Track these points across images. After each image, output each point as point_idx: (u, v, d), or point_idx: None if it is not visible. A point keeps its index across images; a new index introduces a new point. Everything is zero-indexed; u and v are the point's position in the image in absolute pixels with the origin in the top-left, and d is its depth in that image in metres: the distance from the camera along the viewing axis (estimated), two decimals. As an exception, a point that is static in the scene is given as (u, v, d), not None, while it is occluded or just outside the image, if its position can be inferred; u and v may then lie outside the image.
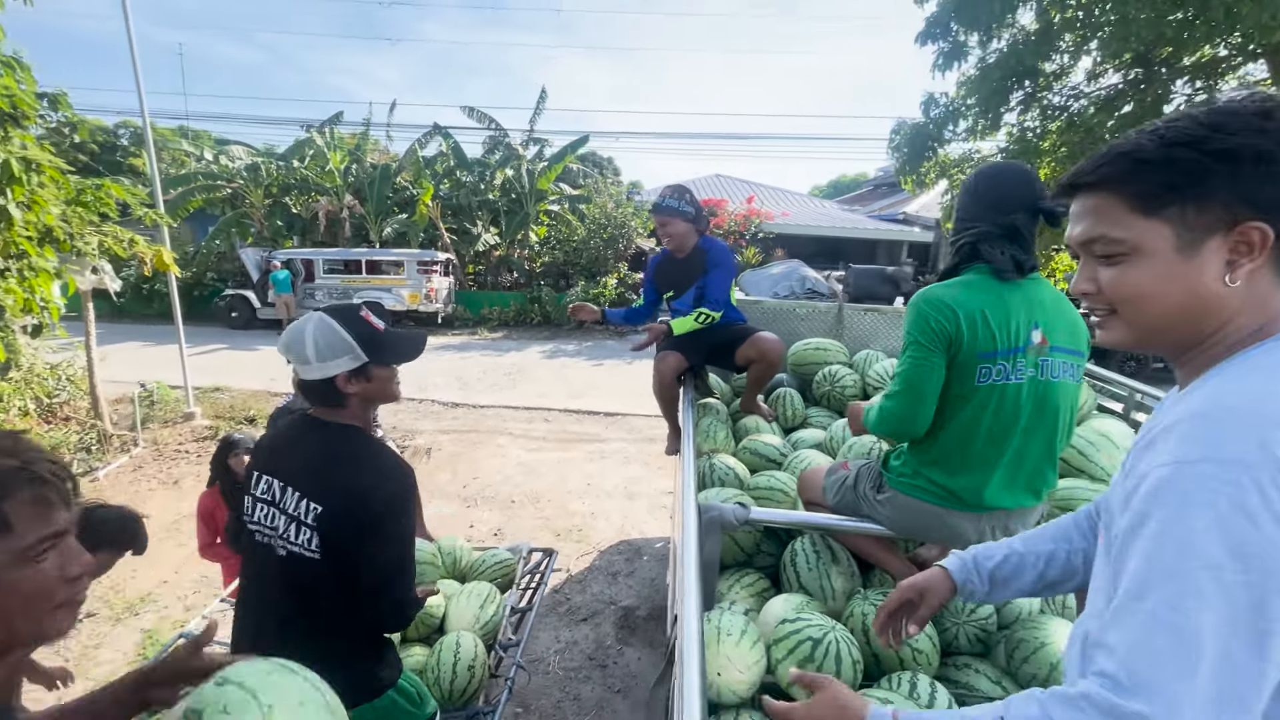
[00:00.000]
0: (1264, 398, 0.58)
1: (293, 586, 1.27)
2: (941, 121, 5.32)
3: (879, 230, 17.31)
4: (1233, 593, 0.52)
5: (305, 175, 14.95)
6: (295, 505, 1.26)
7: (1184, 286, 0.65)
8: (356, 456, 1.29)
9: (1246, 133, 0.61)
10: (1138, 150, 0.66)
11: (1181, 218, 0.64)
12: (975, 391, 1.38)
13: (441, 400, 7.80)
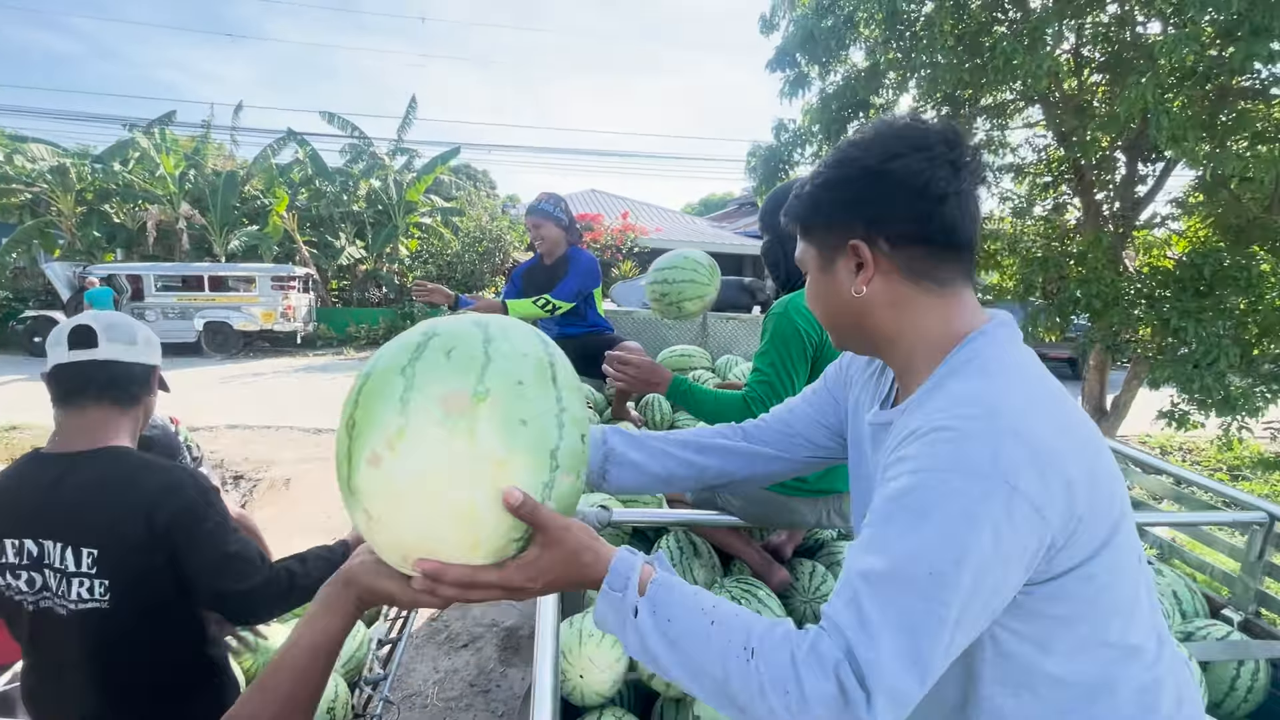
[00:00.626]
0: (995, 409, 0.62)
1: (89, 646, 1.10)
2: (791, 145, 5.82)
3: (744, 246, 18.42)
4: (945, 595, 0.57)
5: (130, 180, 13.18)
6: (60, 558, 1.07)
7: (830, 297, 0.77)
8: (125, 483, 1.12)
9: (838, 165, 0.73)
10: (800, 185, 0.79)
11: (819, 240, 0.77)
12: None
13: (302, 426, 7.18)
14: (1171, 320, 4.06)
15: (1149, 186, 5.29)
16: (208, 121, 14.26)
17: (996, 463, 0.58)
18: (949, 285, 0.72)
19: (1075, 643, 0.65)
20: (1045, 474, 0.59)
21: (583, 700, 1.25)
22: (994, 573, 0.58)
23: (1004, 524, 0.57)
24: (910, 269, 0.71)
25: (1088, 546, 0.63)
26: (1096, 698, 0.66)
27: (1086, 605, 0.65)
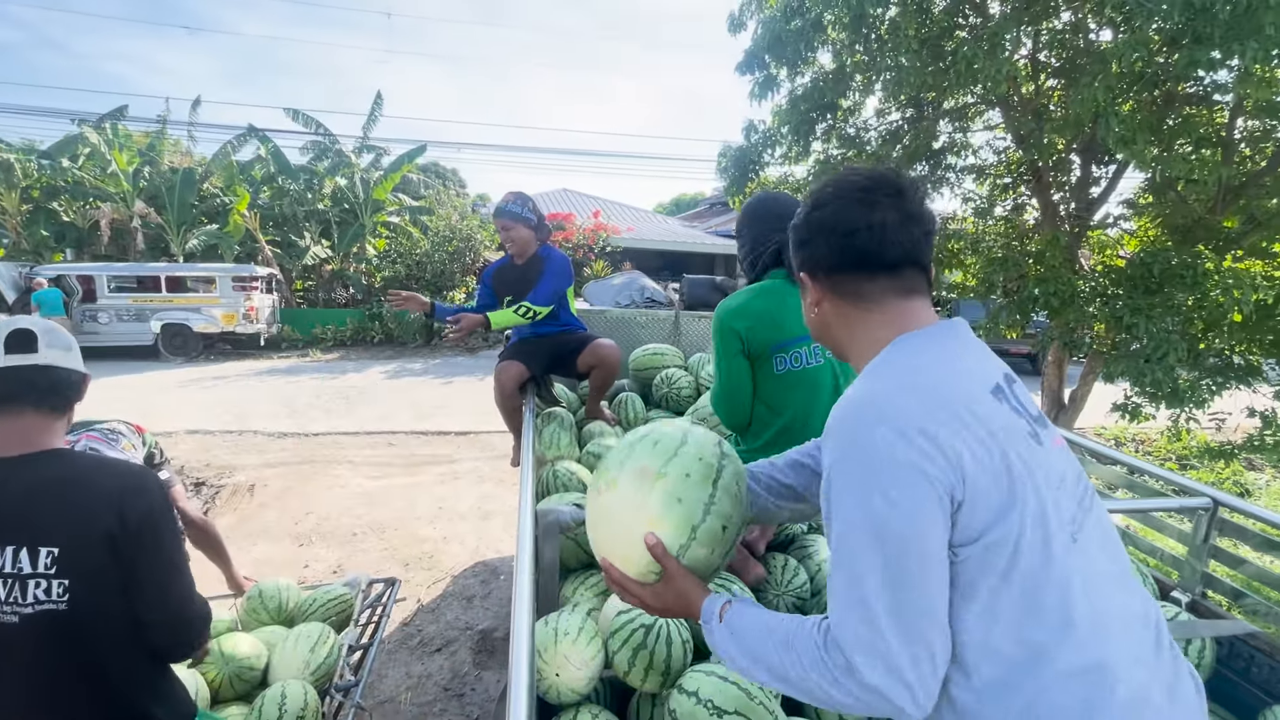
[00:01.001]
0: (871, 397, 0.77)
1: (37, 653, 1.06)
2: (761, 146, 5.88)
3: (716, 245, 18.55)
4: (874, 559, 0.70)
5: (80, 177, 12.66)
6: (13, 562, 1.04)
7: (807, 318, 0.96)
8: (80, 479, 1.11)
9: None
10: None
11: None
12: (777, 379, 1.63)
13: (265, 431, 6.99)
14: (1124, 317, 4.22)
15: (1102, 188, 5.50)
16: (163, 117, 13.78)
17: (872, 441, 0.72)
18: (876, 301, 0.85)
19: (988, 623, 0.72)
20: (914, 440, 0.70)
21: (559, 698, 1.25)
22: (908, 530, 0.69)
23: (891, 488, 0.69)
24: (840, 291, 0.88)
25: (985, 512, 0.71)
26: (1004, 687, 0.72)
27: (997, 582, 0.71)
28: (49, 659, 1.08)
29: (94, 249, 13.01)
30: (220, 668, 1.92)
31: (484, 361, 11.91)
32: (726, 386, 1.67)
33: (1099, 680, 0.70)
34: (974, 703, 0.72)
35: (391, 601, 2.49)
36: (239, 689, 1.97)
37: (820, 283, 0.89)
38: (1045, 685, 0.70)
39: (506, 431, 7.06)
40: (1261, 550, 1.71)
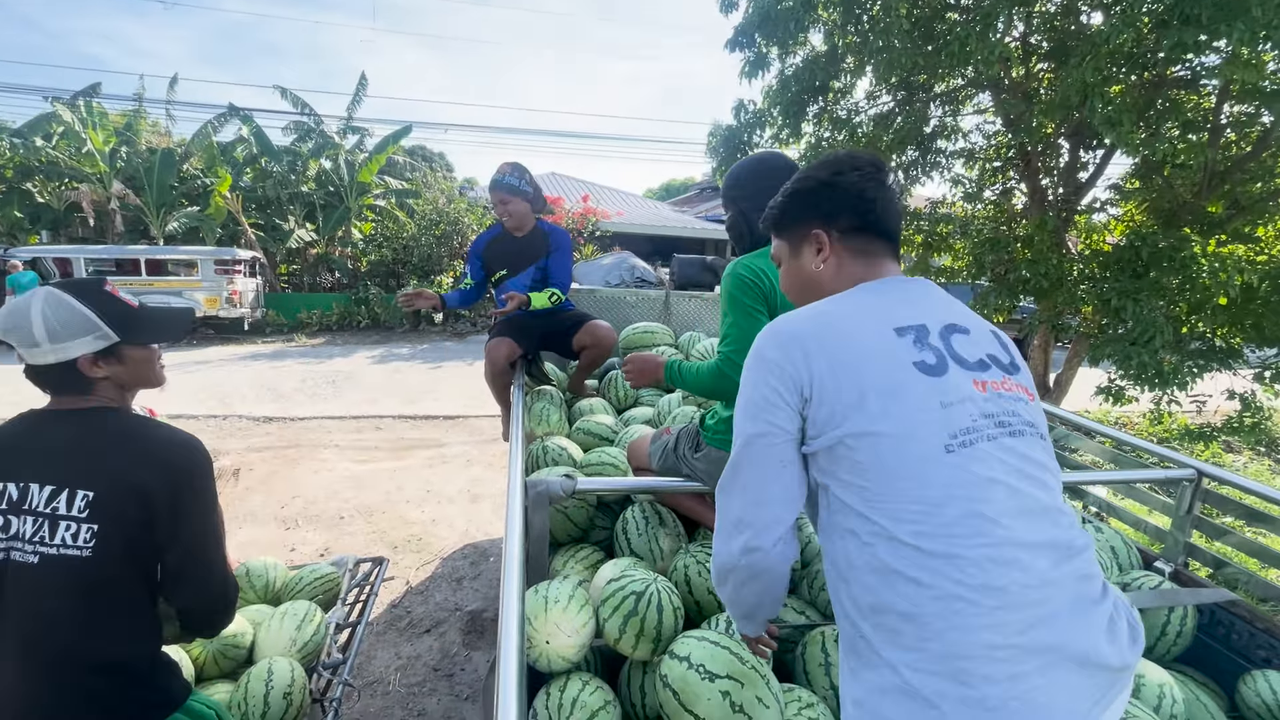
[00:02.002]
0: (776, 320, 0.96)
1: (48, 598, 1.06)
2: (750, 126, 5.84)
3: (706, 230, 18.49)
4: (742, 425, 0.93)
5: (55, 157, 12.33)
6: (48, 501, 1.05)
7: (798, 274, 1.08)
8: (129, 434, 1.12)
9: (800, 181, 1.06)
10: (774, 202, 1.12)
11: (789, 235, 1.09)
12: None
13: (251, 415, 6.91)
14: (1111, 300, 4.26)
15: (1090, 172, 5.53)
16: (140, 95, 13.43)
17: (757, 345, 0.95)
18: (873, 257, 1.02)
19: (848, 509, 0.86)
20: (785, 347, 0.91)
21: (549, 666, 1.24)
22: (763, 411, 0.90)
23: (756, 377, 0.92)
24: (850, 248, 1.02)
25: (837, 413, 0.85)
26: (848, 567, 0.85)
27: (867, 473, 0.83)
28: (57, 607, 1.06)
29: (71, 231, 12.72)
30: (205, 645, 1.89)
31: (472, 346, 11.83)
32: (745, 344, 1.50)
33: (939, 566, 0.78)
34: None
35: (379, 580, 2.47)
36: (224, 666, 1.94)
37: (834, 239, 1.02)
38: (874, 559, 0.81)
39: (495, 416, 7.01)
40: (1243, 520, 1.73)
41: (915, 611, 0.76)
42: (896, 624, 0.77)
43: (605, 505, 1.96)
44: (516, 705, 0.78)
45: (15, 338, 1.10)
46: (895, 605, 0.78)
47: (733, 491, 0.92)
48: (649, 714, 1.33)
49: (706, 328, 3.35)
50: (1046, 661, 0.74)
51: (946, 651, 0.73)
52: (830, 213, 1.02)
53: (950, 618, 0.74)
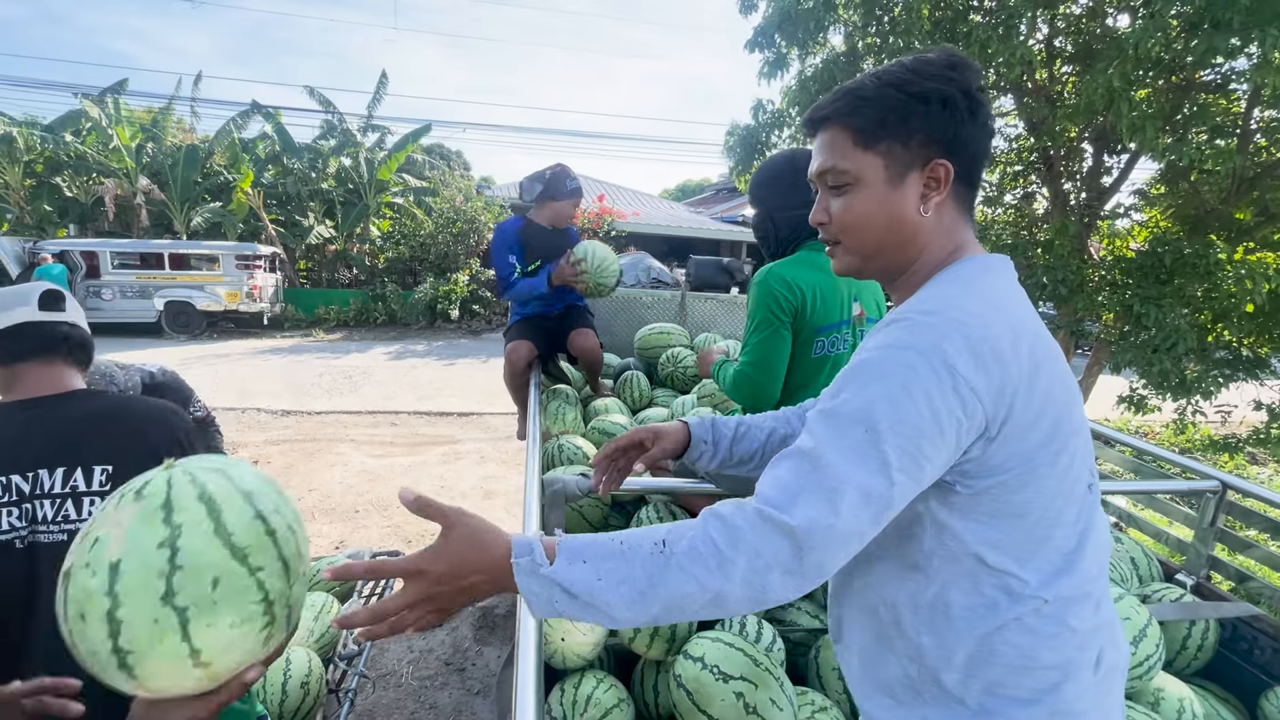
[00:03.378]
0: (948, 303, 0.69)
1: None
2: (769, 126, 5.82)
3: (721, 231, 18.44)
4: (884, 450, 0.63)
5: (83, 152, 12.58)
6: (64, 481, 1.11)
7: (891, 214, 0.76)
8: (126, 406, 1.22)
9: (938, 79, 0.73)
10: (859, 89, 0.76)
11: (890, 151, 0.74)
12: (809, 364, 1.51)
13: (269, 409, 7.01)
14: (1134, 306, 4.19)
15: (1114, 177, 5.45)
16: (172, 95, 13.68)
17: (938, 345, 0.65)
18: (969, 210, 0.79)
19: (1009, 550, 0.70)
20: (981, 361, 0.65)
21: (564, 663, 1.25)
22: (926, 437, 0.64)
23: (936, 394, 0.64)
24: (957, 191, 0.76)
25: (1020, 450, 0.67)
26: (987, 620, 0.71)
27: (1014, 521, 0.69)
28: None
29: (97, 225, 12.97)
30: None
31: (487, 344, 11.90)
32: (765, 359, 1.49)
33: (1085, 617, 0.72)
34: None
35: (395, 574, 2.51)
36: (243, 655, 1.98)
37: (954, 178, 0.75)
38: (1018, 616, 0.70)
39: (509, 413, 7.04)
40: (1268, 534, 1.70)
41: (1032, 666, 0.70)
42: (1004, 676, 0.70)
43: (619, 505, 1.97)
44: (535, 700, 0.79)
45: (72, 303, 1.24)
46: (1005, 658, 0.70)
47: (811, 497, 0.63)
48: (662, 713, 1.33)
49: (722, 329, 3.35)
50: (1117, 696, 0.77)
51: (1061, 708, 0.71)
52: (961, 140, 0.73)
53: (1070, 671, 0.71)
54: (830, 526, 0.62)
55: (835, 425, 0.66)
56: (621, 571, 0.64)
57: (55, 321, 1.21)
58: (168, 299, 11.36)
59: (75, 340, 1.24)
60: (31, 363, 1.18)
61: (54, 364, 1.20)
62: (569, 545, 0.66)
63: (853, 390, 0.67)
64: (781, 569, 0.62)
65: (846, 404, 0.67)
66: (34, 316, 1.19)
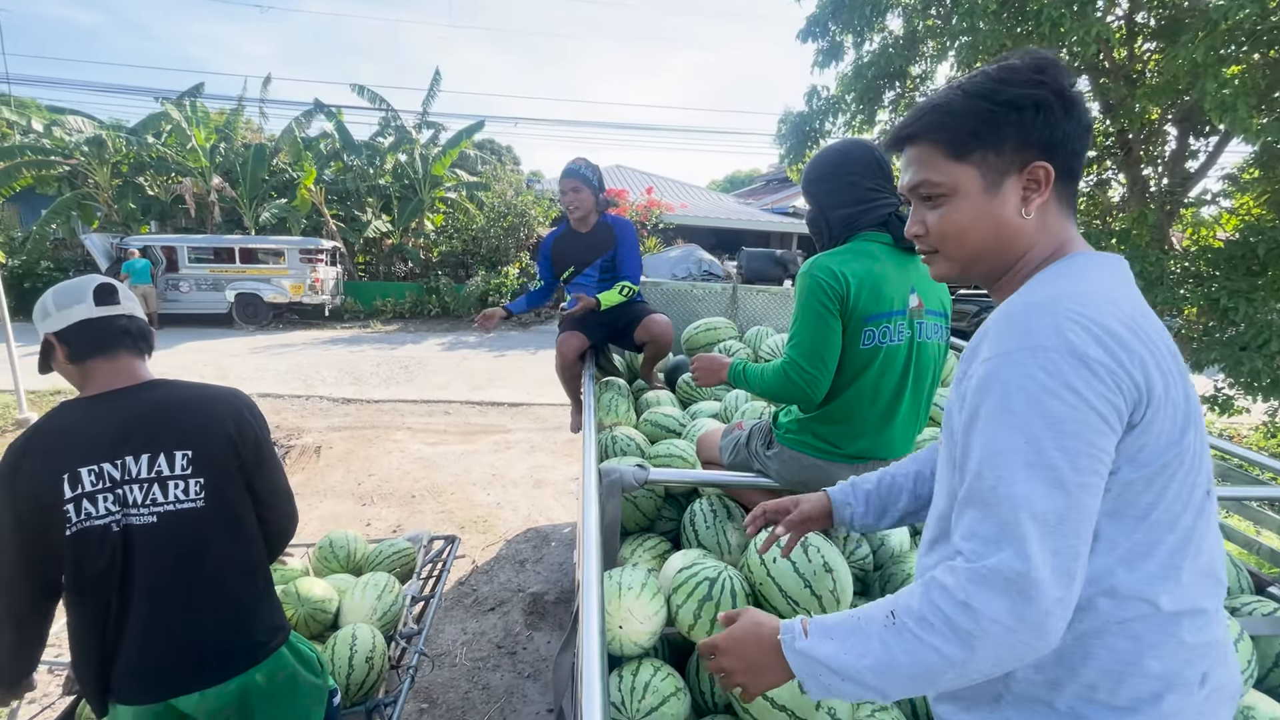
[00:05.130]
0: (1059, 295, 0.68)
1: (184, 550, 1.21)
2: (823, 113, 5.67)
3: (772, 222, 18.15)
4: (1052, 459, 0.62)
5: (163, 153, 13.37)
6: (150, 467, 1.18)
7: (992, 220, 0.76)
8: (200, 395, 1.29)
9: (1026, 85, 0.73)
10: (947, 104, 0.77)
11: (984, 160, 0.75)
12: (859, 354, 1.48)
13: (331, 396, 7.32)
14: (1220, 300, 3.91)
15: (1200, 161, 5.08)
16: (241, 96, 14.36)
17: (1060, 334, 0.64)
18: (1070, 209, 0.78)
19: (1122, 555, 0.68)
20: (1107, 347, 0.63)
21: (621, 650, 1.26)
22: (1092, 429, 0.62)
23: (1081, 386, 0.62)
24: (1062, 195, 0.77)
25: (1155, 445, 0.65)
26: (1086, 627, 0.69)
27: (1133, 523, 0.67)
28: (185, 558, 1.21)
29: (175, 221, 13.78)
30: (297, 608, 2.03)
31: (536, 336, 12.09)
32: (815, 349, 1.45)
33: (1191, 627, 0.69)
34: None
35: (451, 557, 2.58)
36: (313, 629, 2.08)
37: (1054, 177, 0.75)
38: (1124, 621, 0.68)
39: (558, 405, 7.15)
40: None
41: (1132, 673, 0.68)
42: (1100, 681, 0.69)
43: (671, 497, 1.97)
44: (600, 683, 0.80)
45: (125, 291, 1.29)
46: (1102, 661, 0.69)
47: (1004, 539, 0.62)
48: (718, 703, 1.34)
49: (775, 322, 3.30)
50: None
51: (1170, 711, 0.68)
52: (1058, 140, 0.73)
53: (1174, 683, 0.68)
54: (1032, 563, 0.60)
55: (989, 450, 0.65)
56: (861, 645, 0.68)
57: (113, 316, 1.25)
58: (238, 291, 11.98)
59: (135, 331, 1.28)
60: (97, 359, 1.23)
61: (119, 357, 1.25)
62: (819, 623, 0.73)
63: (992, 407, 0.66)
64: (1011, 620, 0.61)
65: (992, 422, 0.65)
66: (92, 313, 1.23)
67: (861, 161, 1.54)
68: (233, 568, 1.27)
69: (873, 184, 1.53)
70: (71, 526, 1.13)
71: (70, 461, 1.15)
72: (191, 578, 1.22)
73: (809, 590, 1.34)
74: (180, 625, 1.20)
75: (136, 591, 1.19)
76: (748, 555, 1.46)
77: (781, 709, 1.14)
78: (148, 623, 1.18)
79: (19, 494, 1.12)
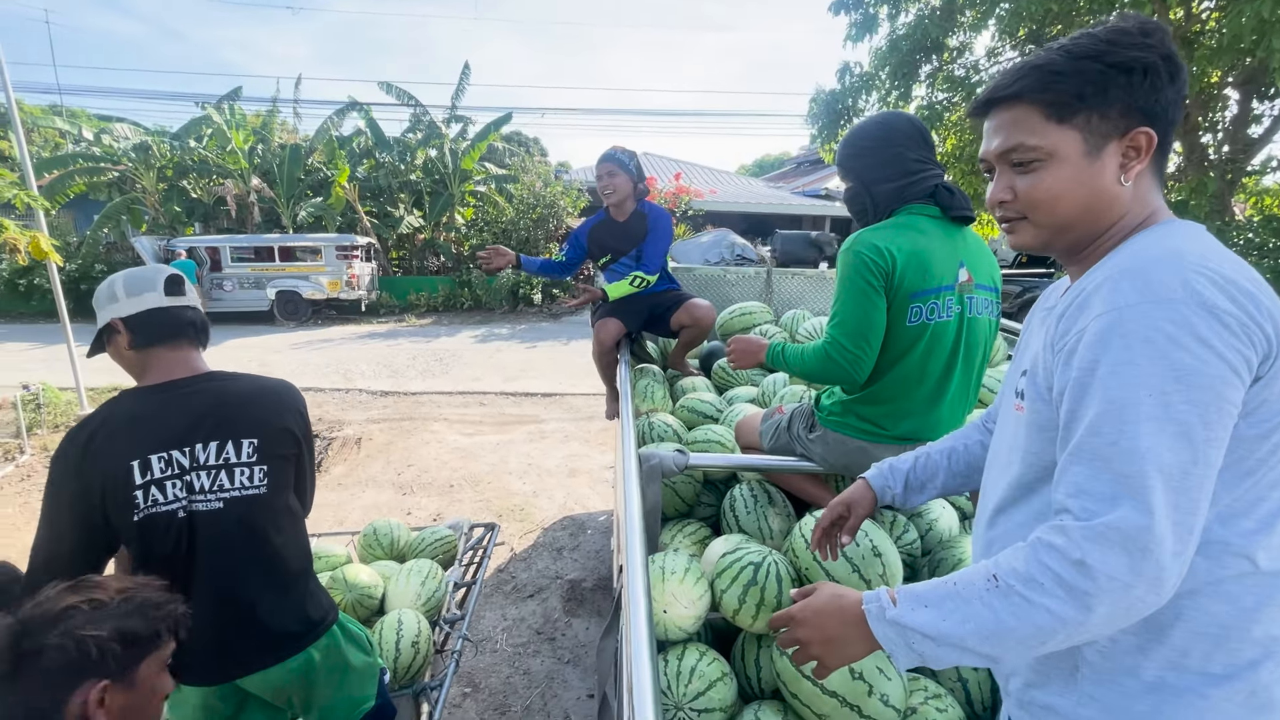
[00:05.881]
0: (1179, 251, 0.66)
1: (251, 531, 1.26)
2: (856, 90, 5.51)
3: (804, 205, 17.83)
4: (1180, 412, 0.60)
5: (205, 156, 13.80)
6: (219, 455, 1.23)
7: (1090, 187, 0.73)
8: (263, 386, 1.34)
9: (1137, 48, 0.69)
10: (1050, 64, 0.73)
11: (1088, 124, 0.72)
12: (905, 332, 1.42)
13: (369, 389, 7.49)
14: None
15: (1265, 126, 4.78)
16: (275, 97, 14.71)
17: (1188, 286, 0.61)
18: (1162, 180, 0.77)
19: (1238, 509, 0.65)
20: (1236, 299, 0.61)
21: (665, 635, 1.25)
22: (1219, 381, 0.60)
23: (1211, 337, 0.60)
24: (1156, 161, 0.74)
25: (1277, 398, 0.63)
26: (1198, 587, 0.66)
27: (1240, 479, 0.64)
28: (259, 537, 1.26)
29: (218, 222, 14.23)
30: (345, 593, 2.08)
31: (567, 327, 12.15)
32: (859, 328, 1.41)
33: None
34: None
35: (491, 544, 2.62)
36: (360, 614, 2.13)
37: (1151, 142, 0.72)
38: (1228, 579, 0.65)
39: (591, 394, 7.18)
40: None
41: (1229, 636, 0.65)
42: (1192, 645, 0.66)
43: (710, 483, 1.95)
44: (650, 666, 0.78)
45: (190, 286, 1.33)
46: (1196, 624, 0.66)
47: (1122, 495, 0.60)
48: (764, 689, 1.32)
49: (811, 306, 3.23)
50: None
51: (1260, 691, 0.65)
52: (1160, 107, 0.71)
53: (1273, 650, 0.66)
54: (1155, 518, 0.59)
55: (1110, 404, 0.62)
56: (962, 610, 0.66)
57: (181, 306, 1.29)
58: (278, 289, 12.34)
59: (198, 324, 1.32)
60: (161, 348, 1.26)
61: (181, 347, 1.28)
62: (908, 592, 0.72)
63: (1112, 361, 0.63)
64: (1130, 577, 0.59)
65: (1112, 376, 0.62)
66: (161, 302, 1.26)
67: (905, 133, 1.48)
68: (290, 550, 1.32)
69: (918, 155, 1.47)
70: (139, 512, 1.17)
71: (141, 448, 1.18)
72: (254, 560, 1.26)
73: (858, 575, 1.31)
74: (245, 607, 1.25)
75: (202, 575, 1.23)
76: (792, 540, 1.44)
77: (832, 695, 1.11)
78: (214, 605, 1.22)
79: (87, 470, 1.15)
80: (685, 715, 1.17)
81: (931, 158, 1.51)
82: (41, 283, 11.92)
